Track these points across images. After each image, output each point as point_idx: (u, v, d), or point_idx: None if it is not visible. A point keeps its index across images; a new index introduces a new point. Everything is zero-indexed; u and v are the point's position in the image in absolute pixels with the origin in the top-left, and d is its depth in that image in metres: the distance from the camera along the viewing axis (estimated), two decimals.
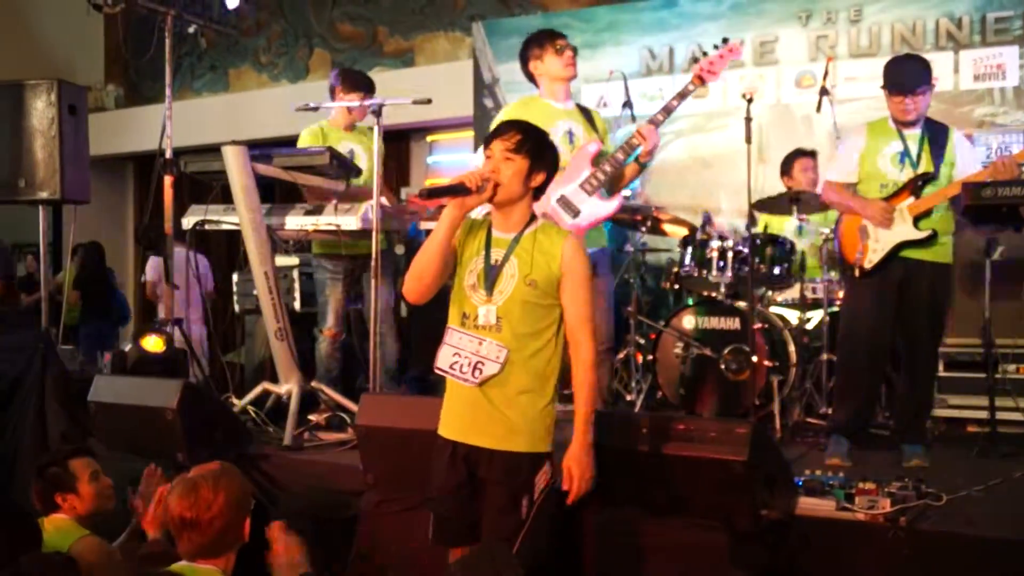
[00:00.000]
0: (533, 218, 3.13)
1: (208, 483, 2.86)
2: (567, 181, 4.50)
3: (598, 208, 4.51)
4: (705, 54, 4.66)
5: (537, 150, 3.08)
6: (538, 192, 3.15)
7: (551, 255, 3.02)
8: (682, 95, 4.58)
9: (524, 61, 4.77)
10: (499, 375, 2.98)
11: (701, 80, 4.62)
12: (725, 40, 4.67)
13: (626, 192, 6.80)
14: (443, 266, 3.07)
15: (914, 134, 4.45)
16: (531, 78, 4.80)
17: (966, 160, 4.45)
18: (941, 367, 5.13)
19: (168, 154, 5.76)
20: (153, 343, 5.38)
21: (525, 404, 3.01)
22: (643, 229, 6.17)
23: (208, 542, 2.84)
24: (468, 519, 3.07)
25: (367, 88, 5.39)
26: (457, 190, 3.01)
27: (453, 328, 3.08)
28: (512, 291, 3.02)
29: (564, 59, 4.66)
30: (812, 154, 6.17)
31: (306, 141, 5.38)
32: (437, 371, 3.09)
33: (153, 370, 5.20)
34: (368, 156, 5.48)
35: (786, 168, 6.20)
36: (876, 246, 4.43)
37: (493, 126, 4.46)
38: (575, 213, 4.47)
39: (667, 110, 4.57)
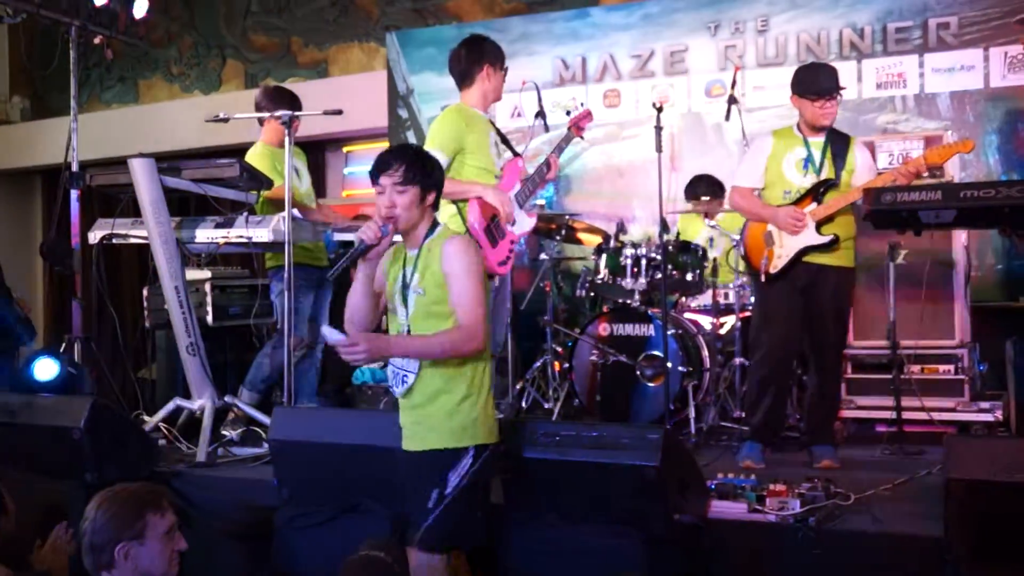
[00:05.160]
0: (435, 227, 3.25)
1: (97, 498, 2.83)
2: (506, 188, 4.69)
3: (526, 223, 4.78)
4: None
5: (424, 173, 3.18)
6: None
7: (436, 260, 3.15)
8: (568, 140, 5.00)
9: (475, 63, 4.69)
10: (416, 383, 3.16)
11: (579, 131, 5.05)
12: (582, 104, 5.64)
13: (540, 200, 6.88)
14: (371, 307, 3.26)
15: (818, 141, 4.55)
16: (467, 79, 4.71)
17: (864, 167, 4.55)
18: (849, 369, 5.24)
19: (74, 167, 5.64)
20: (45, 368, 5.21)
21: (441, 403, 3.15)
22: (558, 237, 6.21)
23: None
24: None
25: (293, 105, 5.17)
26: (362, 251, 3.15)
27: None
28: (415, 303, 3.17)
29: (504, 84, 4.79)
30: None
31: (261, 163, 5.13)
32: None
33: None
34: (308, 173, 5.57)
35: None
36: (780, 252, 4.52)
37: (432, 133, 4.54)
38: (513, 222, 4.67)
39: (560, 149, 4.94)
